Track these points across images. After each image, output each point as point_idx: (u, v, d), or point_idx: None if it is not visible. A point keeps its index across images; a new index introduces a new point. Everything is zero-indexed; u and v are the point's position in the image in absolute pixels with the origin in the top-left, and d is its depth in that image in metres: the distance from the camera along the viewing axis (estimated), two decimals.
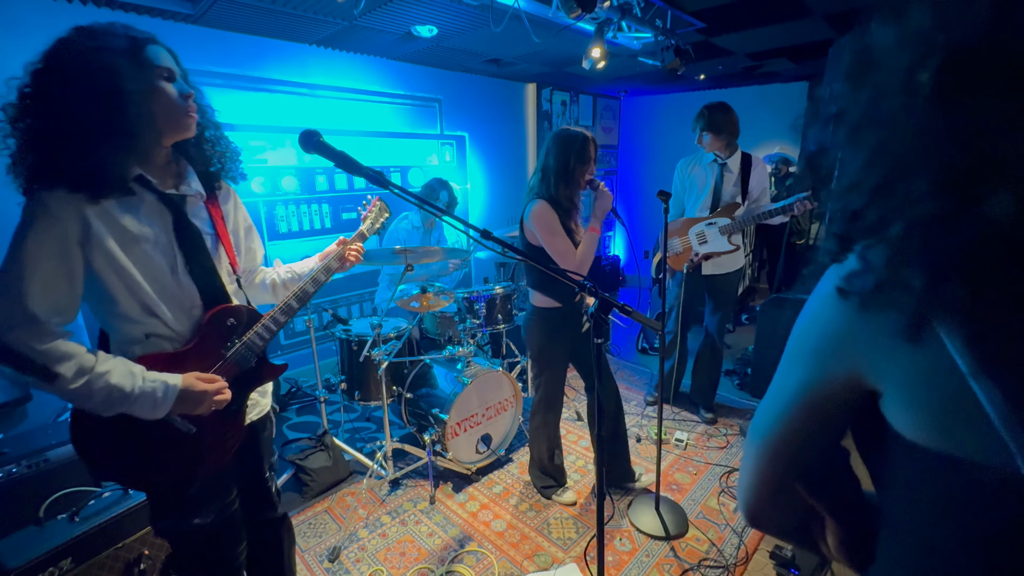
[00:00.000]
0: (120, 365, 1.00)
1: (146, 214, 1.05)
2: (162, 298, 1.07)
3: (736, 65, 4.43)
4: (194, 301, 1.12)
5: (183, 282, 1.10)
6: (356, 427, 3.10)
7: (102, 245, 0.98)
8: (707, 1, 2.84)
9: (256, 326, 1.20)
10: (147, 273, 1.04)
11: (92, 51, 0.95)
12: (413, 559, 2.03)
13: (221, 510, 1.21)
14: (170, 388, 1.03)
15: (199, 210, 1.16)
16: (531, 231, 1.97)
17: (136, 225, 1.03)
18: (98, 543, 1.54)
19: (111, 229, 0.99)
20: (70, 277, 0.97)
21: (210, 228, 1.17)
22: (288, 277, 1.41)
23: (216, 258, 1.17)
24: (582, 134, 1.92)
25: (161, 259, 1.06)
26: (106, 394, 0.97)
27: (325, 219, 3.69)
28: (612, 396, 2.27)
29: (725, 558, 2.00)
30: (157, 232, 1.06)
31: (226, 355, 1.16)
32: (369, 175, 1.08)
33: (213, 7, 2.59)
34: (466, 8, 2.67)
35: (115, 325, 1.07)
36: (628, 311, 1.15)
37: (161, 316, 1.07)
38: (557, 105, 5.56)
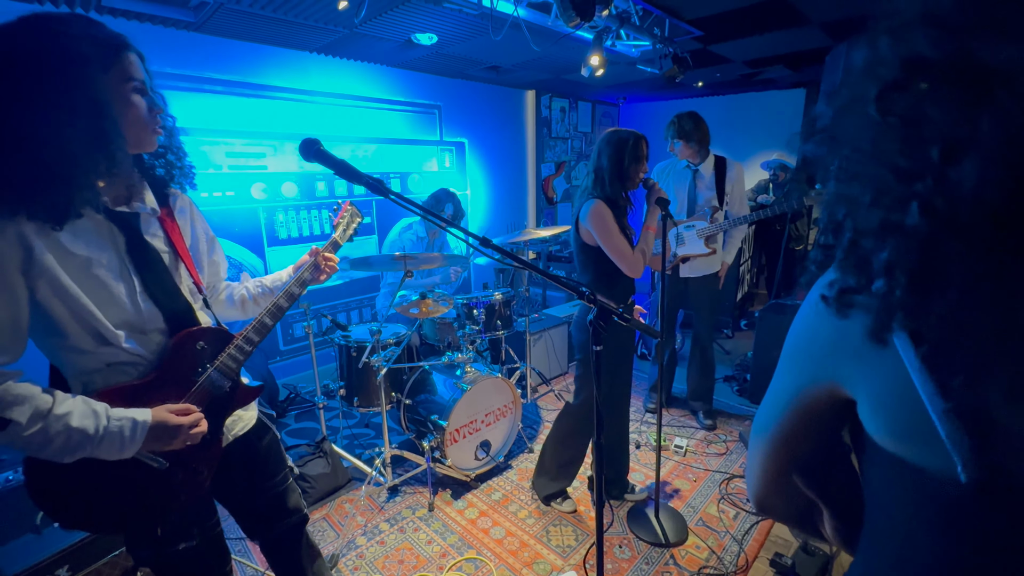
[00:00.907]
0: (81, 405, 0.88)
1: (95, 235, 0.93)
2: (119, 326, 0.95)
3: (734, 72, 4.46)
4: (157, 325, 1.01)
5: (143, 307, 0.99)
6: (355, 433, 3.09)
7: (46, 272, 0.86)
8: (705, 9, 2.87)
9: (228, 348, 1.11)
10: (100, 300, 0.93)
11: (49, 52, 0.80)
12: (411, 567, 2.02)
13: (203, 532, 1.15)
14: (139, 424, 0.92)
15: (153, 227, 1.04)
16: (587, 231, 1.95)
17: (84, 248, 0.90)
18: (95, 551, 1.53)
19: (56, 254, 0.87)
20: (13, 310, 0.85)
21: (167, 245, 1.06)
22: (258, 291, 1.32)
23: (177, 277, 1.07)
24: (634, 134, 1.95)
25: (116, 283, 0.95)
26: (65, 438, 0.85)
27: (325, 225, 3.70)
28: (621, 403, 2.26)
29: (725, 566, 1.99)
30: (109, 255, 0.94)
31: (198, 381, 1.06)
32: (369, 183, 1.08)
33: (215, 15, 2.61)
34: (466, 16, 2.70)
35: (68, 359, 0.95)
36: (627, 319, 1.15)
37: (117, 344, 0.95)
38: (556, 112, 5.59)
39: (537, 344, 3.58)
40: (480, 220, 4.99)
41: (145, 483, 1.01)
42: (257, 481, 1.29)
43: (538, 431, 3.08)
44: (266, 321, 1.17)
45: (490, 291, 2.86)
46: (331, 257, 1.33)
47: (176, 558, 1.10)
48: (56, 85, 0.81)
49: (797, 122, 5.20)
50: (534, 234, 3.02)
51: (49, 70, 0.80)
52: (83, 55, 0.83)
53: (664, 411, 3.20)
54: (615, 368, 2.14)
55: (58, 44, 0.82)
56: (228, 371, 1.11)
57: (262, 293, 1.32)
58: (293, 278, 1.27)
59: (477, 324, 2.74)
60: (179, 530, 1.10)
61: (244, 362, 1.14)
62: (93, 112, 0.84)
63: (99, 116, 0.85)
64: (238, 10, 2.53)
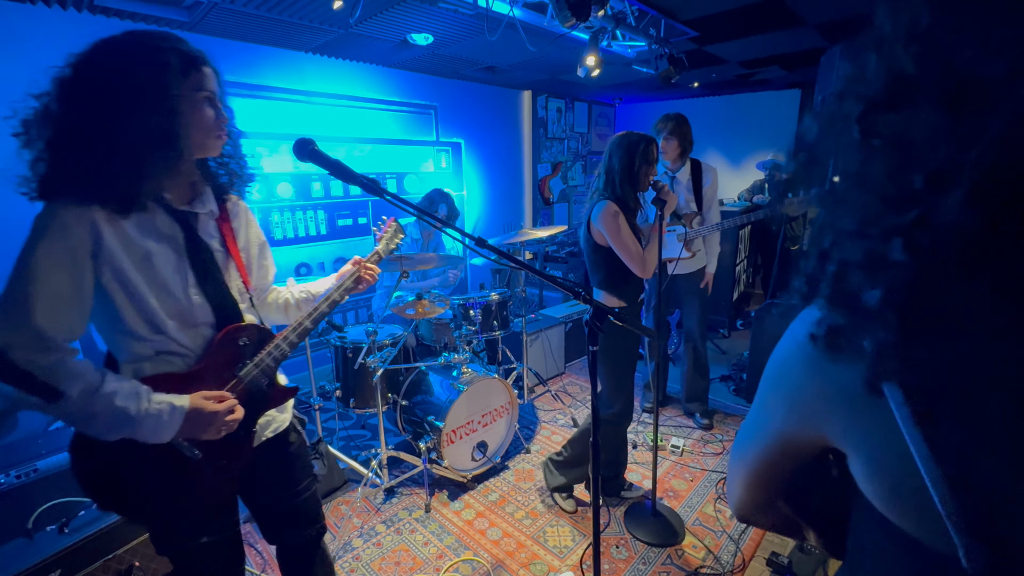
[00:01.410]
0: (126, 386, 0.96)
1: (157, 230, 1.02)
2: (171, 315, 1.03)
3: (729, 73, 4.47)
4: (206, 319, 1.08)
5: (194, 300, 1.06)
6: (351, 435, 3.08)
7: (112, 259, 0.95)
8: (700, 10, 2.88)
9: (269, 346, 1.17)
10: (156, 290, 1.01)
11: (141, 59, 0.93)
12: (408, 568, 2.01)
13: (224, 530, 1.18)
14: (176, 409, 0.99)
15: (210, 227, 1.12)
16: (599, 231, 1.97)
17: (147, 241, 1.00)
18: (88, 555, 1.52)
19: (122, 243, 0.96)
20: (79, 291, 0.93)
21: (221, 245, 1.13)
22: (302, 297, 1.38)
23: (227, 276, 1.14)
24: (645, 137, 1.97)
25: (171, 276, 1.03)
26: (109, 416, 0.93)
27: (320, 225, 3.68)
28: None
29: (722, 565, 1.99)
30: (168, 249, 1.03)
31: (238, 375, 1.12)
32: (363, 183, 1.07)
33: (209, 15, 2.60)
34: (462, 17, 2.69)
35: (122, 343, 1.03)
36: (622, 319, 1.15)
37: (169, 333, 1.03)
38: (552, 112, 5.59)
39: (534, 345, 3.58)
40: (476, 221, 4.98)
41: (178, 473, 1.06)
42: (283, 486, 1.30)
43: (535, 431, 3.07)
44: (307, 324, 1.23)
45: (486, 292, 2.85)
46: (373, 268, 1.40)
47: (195, 552, 1.14)
48: (138, 88, 0.92)
49: (792, 123, 5.23)
50: (531, 234, 3.02)
51: (134, 74, 0.92)
52: (164, 63, 0.94)
53: (660, 411, 3.20)
54: (627, 368, 2.14)
55: (144, 53, 0.94)
56: (267, 369, 1.16)
57: (305, 299, 1.39)
58: (336, 285, 1.33)
59: (473, 325, 2.73)
60: (201, 524, 1.14)
61: (282, 361, 1.20)
62: (166, 113, 0.94)
63: (171, 118, 0.95)
64: (232, 9, 2.52)
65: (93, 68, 0.92)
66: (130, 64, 0.92)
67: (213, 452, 1.09)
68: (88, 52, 0.93)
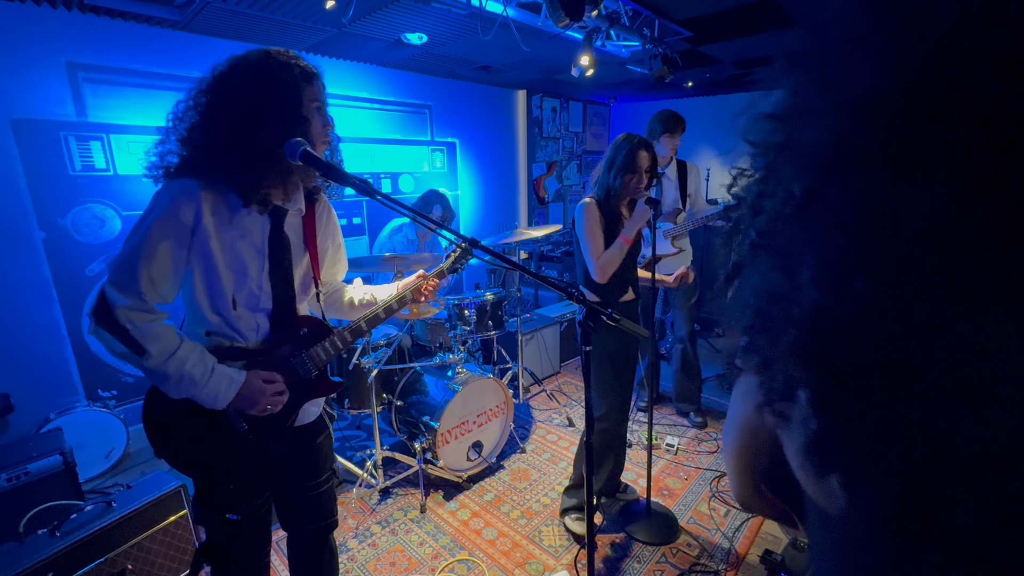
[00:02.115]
0: (198, 355, 1.08)
1: (249, 219, 1.13)
2: (238, 297, 1.14)
3: (723, 73, 4.49)
4: (265, 304, 1.19)
5: (263, 285, 1.17)
6: (346, 435, 3.07)
7: (203, 240, 1.07)
8: (694, 10, 2.88)
9: (325, 340, 1.27)
10: (234, 271, 1.12)
11: (273, 70, 1.06)
12: (403, 569, 2.01)
13: (252, 511, 1.25)
14: (233, 382, 1.10)
15: (295, 223, 1.23)
16: (576, 228, 1.99)
17: (239, 228, 1.12)
18: (80, 558, 1.51)
19: (217, 226, 1.08)
20: (178, 264, 1.07)
21: (300, 241, 1.24)
22: (365, 299, 1.46)
23: (296, 268, 1.24)
24: (633, 141, 1.89)
25: (250, 261, 1.14)
26: (178, 377, 1.05)
27: None
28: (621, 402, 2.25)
29: (716, 563, 2.00)
30: (253, 237, 1.14)
31: (293, 362, 1.23)
32: (356, 184, 1.08)
33: (200, 14, 2.58)
34: (455, 16, 2.69)
35: (185, 315, 1.17)
36: (616, 319, 1.15)
37: (226, 316, 1.14)
38: (547, 111, 5.60)
39: (529, 344, 3.58)
40: (471, 220, 4.98)
41: (224, 439, 1.17)
42: (304, 476, 1.37)
43: (530, 431, 3.08)
44: (362, 326, 1.33)
45: (482, 291, 2.85)
46: (433, 282, 1.47)
47: (222, 527, 1.23)
48: (276, 97, 1.06)
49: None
50: (526, 234, 3.02)
51: (267, 84, 1.06)
52: (295, 77, 1.08)
53: (655, 409, 3.21)
54: (622, 369, 2.11)
55: (275, 67, 1.07)
56: (319, 360, 1.26)
57: (367, 303, 1.46)
58: (395, 295, 1.41)
59: (468, 325, 2.73)
60: (232, 498, 1.22)
61: (334, 356, 1.29)
62: (296, 119, 1.08)
63: (299, 123, 1.09)
64: (224, 8, 2.50)
65: (235, 78, 1.06)
66: (266, 74, 1.06)
67: (258, 428, 1.20)
68: (228, 66, 1.08)
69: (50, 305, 2.61)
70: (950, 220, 0.22)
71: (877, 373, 0.25)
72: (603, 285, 1.96)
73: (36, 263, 2.56)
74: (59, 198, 2.59)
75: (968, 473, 0.23)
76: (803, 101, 0.31)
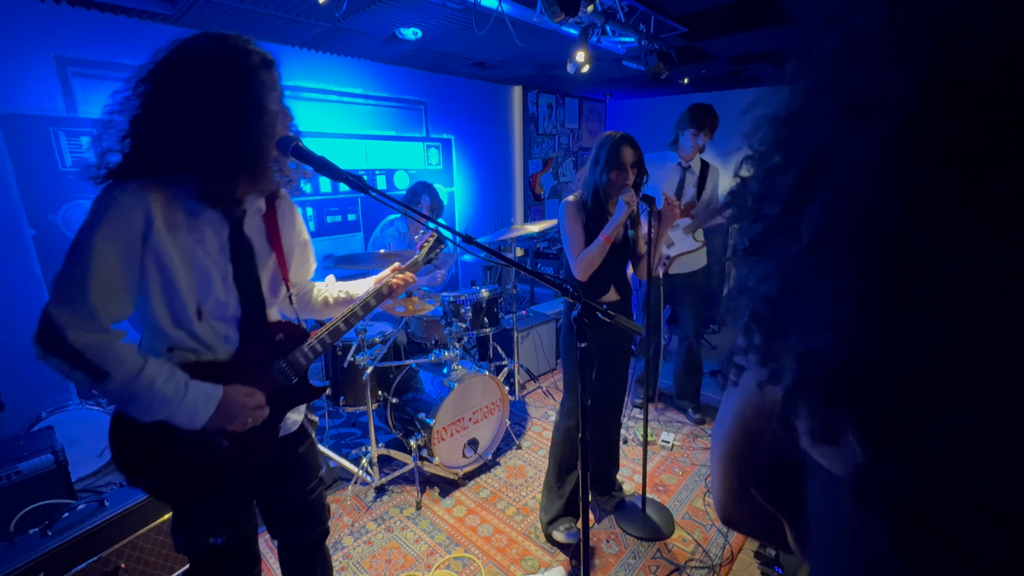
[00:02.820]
0: (167, 371, 0.99)
1: (206, 222, 1.04)
2: (203, 306, 1.05)
3: (719, 69, 4.48)
4: (234, 311, 1.11)
5: (229, 291, 1.09)
6: (341, 433, 3.07)
7: (156, 247, 0.97)
8: (689, 6, 2.87)
9: (303, 344, 1.20)
10: (196, 279, 1.03)
11: (223, 59, 0.95)
12: (399, 566, 2.01)
13: (237, 530, 1.19)
14: (211, 398, 1.02)
15: (256, 223, 1.15)
16: (559, 227, 2.01)
17: (195, 232, 1.03)
18: (72, 557, 1.49)
19: (171, 231, 0.99)
20: (130, 274, 0.97)
21: (264, 241, 1.17)
22: (341, 297, 1.41)
23: (263, 271, 1.16)
24: (614, 137, 1.87)
25: (212, 267, 1.05)
26: (148, 399, 0.96)
27: (309, 223, 3.65)
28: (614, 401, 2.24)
29: (711, 558, 2.01)
30: (212, 241, 1.06)
31: (271, 370, 1.15)
32: (349, 180, 1.07)
33: (192, 8, 2.55)
34: (449, 11, 2.67)
35: (144, 333, 1.06)
36: (611, 315, 1.15)
37: (188, 328, 1.05)
38: (543, 108, 5.57)
39: (525, 341, 3.58)
40: (467, 217, 4.96)
41: (203, 459, 1.09)
42: (291, 486, 1.32)
43: (526, 428, 3.08)
44: (340, 326, 1.25)
45: (477, 288, 2.85)
46: (405, 276, 1.41)
47: (207, 552, 1.16)
48: (239, 84, 0.96)
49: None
50: (522, 230, 3.01)
51: (216, 73, 0.95)
52: (255, 64, 0.98)
53: (651, 406, 3.22)
54: (608, 366, 2.11)
55: (239, 53, 0.97)
56: (299, 366, 1.19)
57: (343, 300, 1.40)
58: (373, 290, 1.35)
59: (464, 322, 2.72)
60: (215, 520, 1.16)
61: (314, 361, 1.22)
62: (260, 109, 0.98)
63: (264, 113, 0.99)
64: (216, 2, 2.47)
65: (182, 66, 0.95)
66: (214, 63, 0.95)
67: (239, 443, 1.12)
68: (179, 49, 0.96)
69: (41, 302, 2.57)
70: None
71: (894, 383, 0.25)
72: (584, 284, 1.94)
73: (27, 260, 2.53)
74: (49, 194, 2.55)
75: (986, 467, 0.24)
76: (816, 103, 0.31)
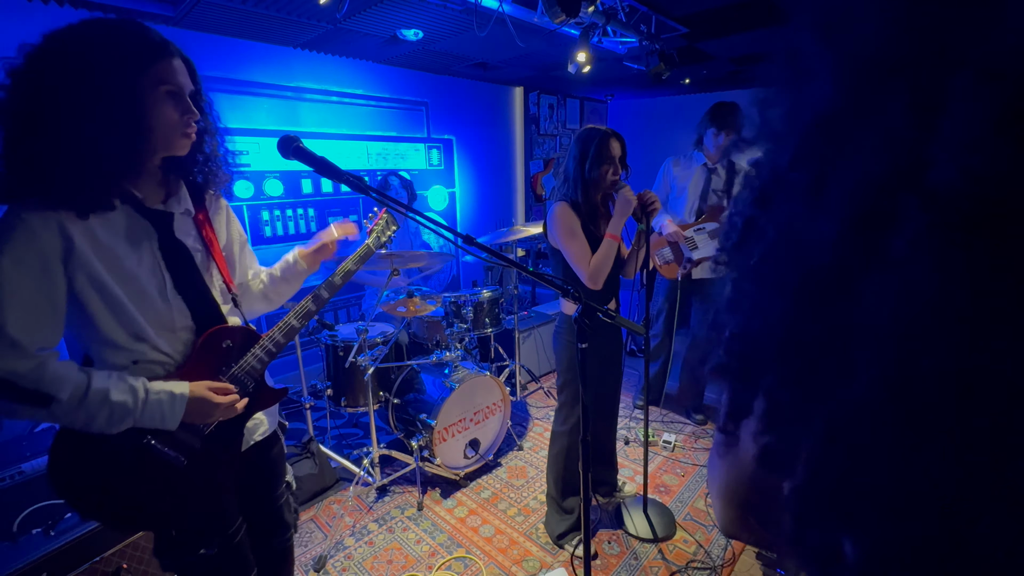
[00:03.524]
0: (117, 381, 0.93)
1: (130, 231, 0.97)
2: (149, 321, 0.99)
3: (720, 70, 4.48)
4: (185, 323, 1.05)
5: (172, 303, 1.03)
6: (342, 433, 3.07)
7: (85, 265, 0.90)
8: (690, 7, 2.87)
9: (254, 348, 1.14)
10: (132, 295, 0.96)
11: (98, 49, 0.87)
12: (400, 567, 2.01)
13: (226, 540, 1.15)
14: (177, 397, 0.98)
15: (187, 226, 1.08)
16: (552, 234, 1.88)
17: (119, 243, 0.95)
18: (74, 557, 1.50)
19: (94, 247, 0.91)
20: (52, 299, 0.89)
21: (200, 245, 1.10)
22: (278, 270, 1.34)
23: (208, 277, 1.10)
24: (601, 131, 1.81)
25: (147, 279, 0.99)
26: (108, 412, 0.91)
27: (311, 223, 3.65)
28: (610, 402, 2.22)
29: (712, 559, 2.01)
30: (142, 251, 0.99)
31: (222, 379, 1.09)
32: (349, 180, 1.07)
33: (194, 10, 2.56)
34: (450, 12, 2.67)
35: (99, 352, 0.99)
36: (612, 315, 1.15)
37: (149, 340, 1.00)
38: (544, 108, 5.58)
39: (526, 342, 3.57)
40: (468, 217, 4.96)
41: (162, 481, 1.03)
42: (261, 492, 1.31)
43: (527, 428, 3.08)
44: (292, 323, 1.19)
45: (479, 289, 2.85)
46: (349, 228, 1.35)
47: (196, 565, 1.11)
48: (92, 80, 0.85)
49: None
50: (523, 231, 3.01)
51: (88, 66, 0.86)
52: (121, 56, 0.88)
53: (652, 408, 3.21)
54: (602, 376, 2.07)
55: (102, 42, 0.88)
56: (253, 371, 1.14)
57: (283, 269, 1.33)
58: (325, 282, 1.28)
59: (466, 322, 2.72)
60: (198, 536, 1.11)
61: (268, 363, 1.17)
62: (122, 109, 0.88)
63: (127, 113, 0.89)
64: (218, 4, 2.48)
65: (46, 59, 0.85)
66: (87, 54, 0.86)
67: (199, 459, 1.06)
68: (42, 43, 0.86)
69: None
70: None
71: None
72: (591, 294, 1.84)
73: None
74: None
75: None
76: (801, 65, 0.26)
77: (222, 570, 1.16)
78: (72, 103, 0.85)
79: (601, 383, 2.10)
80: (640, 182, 4.56)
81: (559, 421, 2.05)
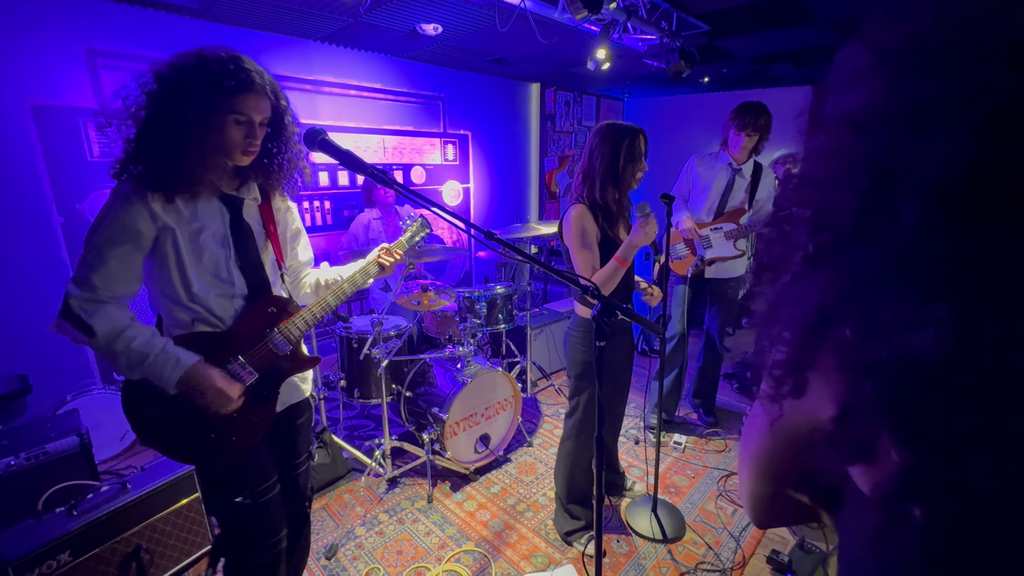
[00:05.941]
0: (148, 335, 1.13)
1: (209, 210, 1.19)
2: (211, 285, 1.20)
3: (740, 69, 4.43)
4: (240, 290, 1.25)
5: (233, 272, 1.23)
6: (355, 424, 3.10)
7: (171, 234, 1.13)
8: (713, 4, 2.84)
9: (293, 316, 1.32)
10: (201, 262, 1.18)
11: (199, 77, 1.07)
12: (410, 557, 2.03)
13: (259, 494, 1.30)
14: (180, 364, 1.13)
15: (253, 211, 1.29)
16: (566, 237, 1.82)
17: (199, 219, 1.17)
18: (96, 536, 1.53)
19: (178, 221, 1.14)
20: (131, 268, 1.13)
21: (261, 227, 1.30)
22: (331, 279, 1.50)
23: (264, 253, 1.30)
24: (631, 127, 1.75)
25: (217, 250, 1.20)
26: (127, 356, 1.11)
27: (327, 216, 3.69)
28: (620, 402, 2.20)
29: (722, 562, 2.00)
30: (216, 226, 1.20)
31: (265, 339, 1.28)
32: (374, 174, 1.08)
33: (218, 2, 2.59)
34: (473, 7, 2.67)
35: (167, 309, 1.20)
36: (631, 313, 1.15)
37: (205, 304, 1.19)
38: (561, 105, 5.56)
39: (538, 338, 3.58)
40: (483, 213, 4.97)
41: (202, 422, 1.21)
42: (286, 456, 1.44)
43: (537, 425, 3.08)
44: (328, 300, 1.38)
45: (492, 285, 2.85)
46: (393, 254, 1.50)
47: (231, 512, 1.28)
48: (187, 101, 1.08)
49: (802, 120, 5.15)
50: (536, 229, 3.01)
51: (186, 90, 1.07)
52: (211, 87, 1.08)
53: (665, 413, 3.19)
54: (610, 379, 2.05)
55: (201, 73, 1.08)
56: (291, 336, 1.31)
57: (334, 280, 1.50)
58: (359, 268, 1.46)
59: (478, 318, 2.73)
60: (234, 485, 1.28)
61: (305, 332, 1.34)
62: (202, 126, 1.10)
63: (204, 129, 1.10)
64: None
65: (165, 82, 1.09)
66: (187, 81, 1.07)
67: (240, 410, 1.24)
68: (164, 68, 1.10)
69: None
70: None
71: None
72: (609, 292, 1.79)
73: (54, 247, 2.60)
74: (77, 184, 2.62)
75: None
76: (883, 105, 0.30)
77: (252, 521, 1.30)
78: (174, 115, 1.08)
79: (610, 389, 2.08)
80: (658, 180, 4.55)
81: (568, 424, 2.04)
